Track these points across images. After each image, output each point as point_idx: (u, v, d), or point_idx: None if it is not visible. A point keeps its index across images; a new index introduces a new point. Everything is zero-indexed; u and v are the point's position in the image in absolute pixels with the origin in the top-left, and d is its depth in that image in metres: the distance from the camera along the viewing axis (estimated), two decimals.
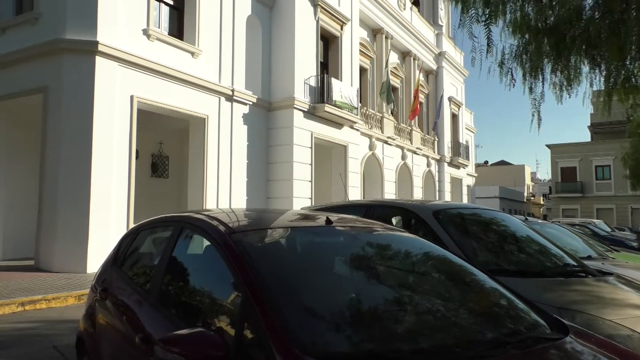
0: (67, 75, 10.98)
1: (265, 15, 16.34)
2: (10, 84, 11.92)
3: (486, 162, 72.88)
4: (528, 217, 8.63)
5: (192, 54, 13.51)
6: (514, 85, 7.89)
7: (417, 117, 25.02)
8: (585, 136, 65.08)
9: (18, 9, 12.58)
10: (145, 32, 12.20)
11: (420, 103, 25.80)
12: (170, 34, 13.41)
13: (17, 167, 12.91)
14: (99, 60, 11.01)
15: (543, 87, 7.96)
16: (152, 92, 12.23)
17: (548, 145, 48.36)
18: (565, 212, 44.75)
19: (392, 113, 23.12)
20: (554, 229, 7.72)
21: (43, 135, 11.26)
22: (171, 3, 13.64)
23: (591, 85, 8.01)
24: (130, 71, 11.72)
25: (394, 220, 5.01)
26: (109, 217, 11.08)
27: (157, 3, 13.09)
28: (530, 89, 7.88)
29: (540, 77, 7.96)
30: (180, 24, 13.90)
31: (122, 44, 11.53)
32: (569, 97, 8.13)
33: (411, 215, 4.62)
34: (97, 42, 10.90)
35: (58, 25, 11.13)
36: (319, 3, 17.04)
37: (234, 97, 14.73)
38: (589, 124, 50.05)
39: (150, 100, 12.19)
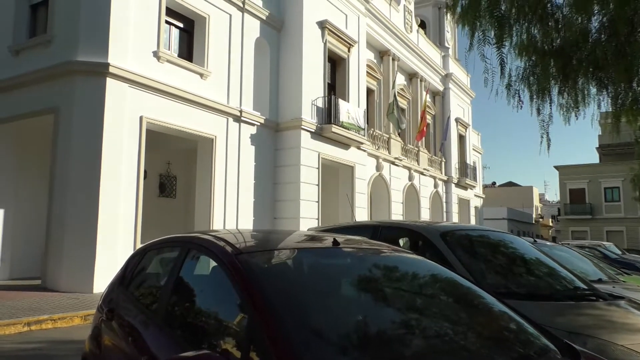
0: (78, 97, 11.14)
1: (274, 37, 16.56)
2: (22, 105, 12.10)
3: (494, 184, 72.54)
4: (537, 239, 8.55)
5: (201, 75, 13.68)
6: (521, 107, 7.90)
7: (424, 138, 25.07)
8: (594, 158, 64.84)
9: (32, 31, 12.84)
10: (156, 54, 12.38)
11: (427, 124, 25.86)
12: (180, 55, 13.61)
13: (26, 187, 13.03)
14: (109, 81, 11.17)
15: (551, 108, 7.97)
16: (161, 112, 12.36)
17: (556, 167, 48.13)
18: (574, 234, 44.29)
19: (398, 134, 23.16)
20: (563, 251, 7.63)
21: (53, 155, 11.37)
22: (181, 26, 13.88)
23: (599, 107, 8.01)
24: (140, 92, 11.87)
25: (401, 242, 4.98)
26: (116, 236, 11.11)
27: (168, 26, 13.32)
28: (538, 111, 7.88)
29: (547, 98, 7.98)
30: (190, 46, 14.12)
31: (132, 66, 11.70)
32: (577, 119, 8.14)
33: (418, 237, 4.60)
34: (108, 64, 11.07)
35: (70, 47, 11.33)
36: (327, 26, 17.26)
37: (242, 118, 14.85)
38: (597, 146, 49.85)
39: (159, 121, 12.31)
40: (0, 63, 12.77)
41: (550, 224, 68.25)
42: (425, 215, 25.41)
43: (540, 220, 66.88)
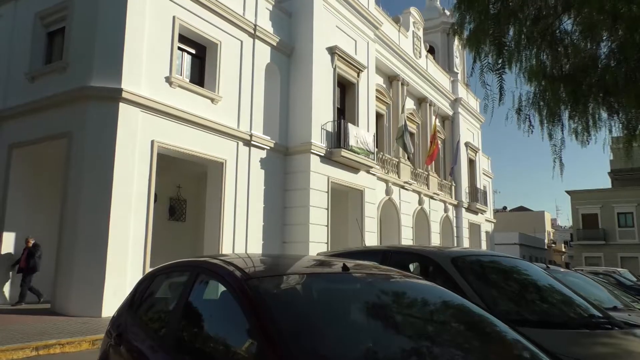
0: (91, 121, 11.31)
1: (284, 62, 16.79)
2: (37, 129, 12.31)
3: (505, 208, 71.95)
4: (550, 265, 8.42)
5: (212, 100, 13.85)
6: (532, 131, 7.90)
7: (433, 162, 25.05)
8: (605, 182, 64.28)
9: (48, 58, 13.14)
10: (168, 79, 12.59)
11: (438, 148, 25.86)
12: (192, 81, 13.82)
13: (39, 211, 13.14)
14: (122, 106, 11.35)
15: (562, 133, 7.96)
16: (172, 137, 12.49)
17: (568, 192, 47.74)
18: (588, 260, 43.62)
19: (408, 158, 23.18)
20: (576, 278, 7.50)
21: (65, 178, 11.50)
22: (193, 52, 14.12)
23: (610, 131, 7.98)
24: (152, 117, 12.03)
25: (411, 267, 4.93)
26: (126, 260, 11.12)
27: (180, 52, 13.57)
28: (550, 136, 7.87)
29: (558, 123, 7.98)
30: (201, 71, 14.34)
31: (145, 91, 11.89)
32: (588, 144, 8.09)
33: (429, 262, 4.55)
34: (121, 90, 11.26)
35: (85, 73, 11.56)
36: (336, 51, 17.48)
37: (252, 142, 14.96)
38: (609, 170, 49.46)
39: (170, 145, 12.44)
40: (17, 89, 13.05)
41: (563, 249, 67.34)
42: (435, 240, 25.20)
43: (553, 245, 66.04)
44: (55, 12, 12.74)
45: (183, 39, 13.45)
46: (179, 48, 13.34)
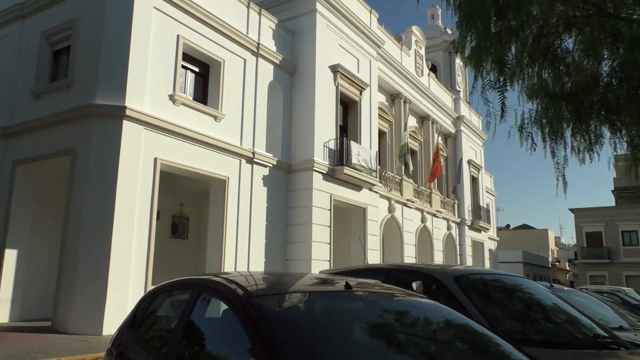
0: (94, 138, 11.37)
1: (287, 81, 16.91)
2: (41, 147, 12.36)
3: (508, 226, 71.68)
4: (554, 284, 8.35)
5: (215, 117, 13.93)
6: (534, 149, 7.90)
7: (436, 179, 25.04)
8: (609, 200, 64.09)
9: (53, 76, 13.26)
10: (171, 97, 12.68)
11: (440, 166, 25.87)
12: (195, 98, 13.92)
13: (41, 228, 13.14)
14: (125, 124, 11.41)
15: (565, 150, 7.97)
16: (175, 154, 12.54)
17: (571, 210, 47.52)
18: (592, 279, 43.24)
19: (410, 176, 23.19)
20: (581, 296, 7.43)
21: (68, 196, 11.51)
22: (197, 70, 14.25)
23: (615, 149, 7.98)
24: (155, 134, 12.09)
25: (414, 285, 4.90)
26: (128, 278, 11.07)
27: (184, 70, 13.69)
28: (553, 153, 7.88)
29: (561, 141, 7.99)
30: (204, 89, 14.46)
31: (148, 109, 11.97)
32: (591, 161, 8.09)
33: (432, 281, 4.52)
34: (124, 107, 11.34)
35: (89, 91, 11.66)
36: (339, 70, 17.61)
37: (255, 160, 15.00)
38: (613, 188, 49.32)
39: (173, 162, 12.48)
40: (22, 106, 13.16)
41: (567, 267, 66.81)
42: (438, 258, 25.06)
43: (557, 264, 65.54)
44: (61, 31, 12.90)
45: (187, 57, 13.58)
46: (183, 66, 13.46)
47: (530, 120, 8.04)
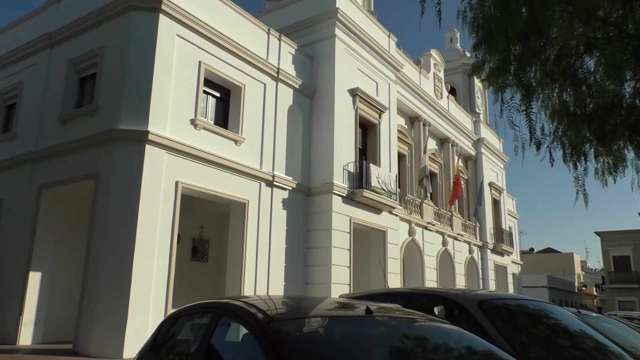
0: (117, 163, 11.58)
1: (306, 104, 17.07)
2: (65, 171, 12.64)
3: (532, 250, 70.21)
4: (581, 310, 8.12)
5: (236, 141, 14.09)
6: (552, 164, 7.77)
7: (457, 202, 24.78)
8: (634, 223, 62.49)
9: (79, 102, 13.62)
10: (193, 121, 12.89)
11: (460, 189, 25.65)
12: (216, 123, 14.13)
13: (65, 251, 13.33)
14: (148, 148, 11.62)
15: (586, 171, 7.83)
16: (196, 177, 12.68)
17: (597, 233, 46.44)
18: (621, 305, 41.97)
19: (430, 198, 23.00)
20: (610, 323, 7.19)
21: (91, 219, 11.69)
22: (218, 95, 14.50)
23: (638, 171, 7.82)
24: (177, 158, 12.27)
25: (436, 310, 4.82)
26: (148, 301, 11.12)
27: (205, 95, 13.94)
28: (577, 179, 7.73)
29: (583, 160, 7.86)
30: (225, 113, 14.67)
31: (170, 133, 12.19)
32: (615, 182, 7.94)
33: (454, 305, 4.44)
34: (147, 132, 11.56)
35: (113, 116, 11.93)
36: (358, 93, 17.72)
37: (274, 183, 15.08)
38: (639, 211, 48.14)
39: (194, 186, 12.61)
40: (49, 132, 13.51)
41: (595, 292, 65.02)
42: (460, 282, 24.64)
43: (584, 288, 63.86)
44: (87, 58, 13.29)
45: (208, 82, 13.84)
46: (204, 91, 13.71)
47: (551, 140, 7.94)
